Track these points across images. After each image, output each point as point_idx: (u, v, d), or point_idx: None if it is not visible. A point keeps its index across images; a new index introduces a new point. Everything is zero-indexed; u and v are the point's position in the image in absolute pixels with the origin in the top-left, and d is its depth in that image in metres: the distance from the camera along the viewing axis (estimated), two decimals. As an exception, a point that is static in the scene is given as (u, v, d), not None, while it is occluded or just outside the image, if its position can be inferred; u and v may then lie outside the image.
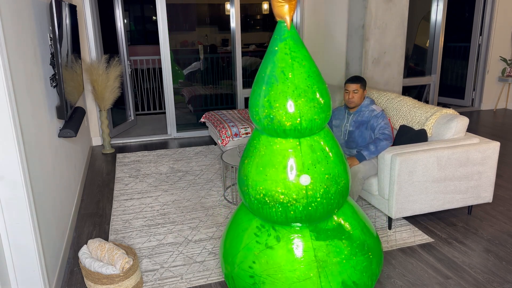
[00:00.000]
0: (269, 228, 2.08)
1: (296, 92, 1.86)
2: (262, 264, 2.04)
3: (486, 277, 2.53)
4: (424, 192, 2.97)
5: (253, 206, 2.06)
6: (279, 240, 2.04)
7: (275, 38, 1.90)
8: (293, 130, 1.90)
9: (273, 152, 1.96)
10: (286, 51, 1.87)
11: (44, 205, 2.43)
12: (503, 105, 7.08)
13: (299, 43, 1.89)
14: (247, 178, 2.04)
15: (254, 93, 1.97)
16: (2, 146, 2.00)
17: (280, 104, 1.87)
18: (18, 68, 2.23)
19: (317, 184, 1.94)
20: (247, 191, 2.05)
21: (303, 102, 1.86)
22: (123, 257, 2.31)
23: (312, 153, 1.94)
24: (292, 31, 1.87)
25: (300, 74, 1.87)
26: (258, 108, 1.94)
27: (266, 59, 1.94)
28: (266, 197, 1.97)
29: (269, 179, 1.95)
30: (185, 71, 6.52)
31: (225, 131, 4.37)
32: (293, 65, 1.86)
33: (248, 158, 2.06)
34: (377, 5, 5.03)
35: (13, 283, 2.16)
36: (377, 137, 3.15)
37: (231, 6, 5.62)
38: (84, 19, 4.93)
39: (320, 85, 1.92)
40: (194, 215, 3.37)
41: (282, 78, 1.87)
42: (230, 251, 2.19)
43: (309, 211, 1.96)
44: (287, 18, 1.84)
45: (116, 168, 4.46)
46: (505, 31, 6.64)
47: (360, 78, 3.22)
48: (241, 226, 2.19)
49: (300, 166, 1.92)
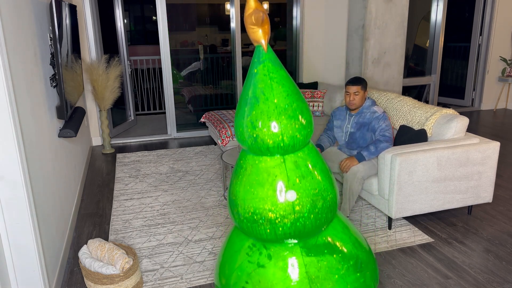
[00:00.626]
0: (260, 246, 2.09)
1: (276, 111, 1.92)
2: (254, 283, 2.04)
3: (486, 277, 2.53)
4: (424, 192, 2.97)
5: (243, 225, 2.07)
6: (270, 258, 2.05)
7: (254, 61, 1.98)
8: (276, 148, 1.95)
9: (259, 170, 2.00)
10: (264, 72, 1.94)
11: (44, 205, 2.43)
12: (503, 105, 7.08)
13: (277, 65, 1.97)
14: (236, 198, 2.07)
15: (238, 114, 2.03)
16: (2, 146, 2.00)
17: (262, 123, 1.93)
18: (18, 68, 2.23)
19: (303, 199, 1.96)
20: (236, 211, 2.08)
21: (283, 120, 1.92)
22: (123, 257, 2.31)
23: (297, 169, 1.99)
24: (270, 53, 1.96)
25: (280, 94, 1.94)
26: (242, 129, 2.00)
27: (247, 81, 2.01)
28: (254, 215, 1.99)
29: (257, 197, 1.98)
30: (185, 71, 6.52)
31: (225, 131, 4.37)
32: (272, 85, 1.94)
33: (236, 178, 2.10)
34: (377, 5, 5.04)
35: (13, 283, 2.16)
36: (377, 138, 3.15)
37: (231, 6, 5.62)
38: (84, 19, 4.93)
39: (300, 103, 1.98)
40: (194, 215, 3.37)
41: (262, 98, 1.93)
42: (225, 271, 2.20)
43: (297, 226, 1.98)
44: (262, 42, 1.93)
45: (116, 168, 4.46)
46: (505, 31, 6.64)
47: (360, 80, 3.21)
48: (234, 247, 2.21)
49: (286, 182, 1.96)
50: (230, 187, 2.15)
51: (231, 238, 2.29)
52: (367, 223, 3.19)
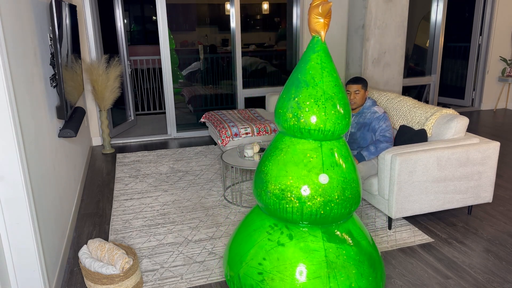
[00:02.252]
0: (282, 226, 2.15)
1: (323, 97, 2.03)
2: (272, 260, 2.08)
3: (486, 277, 2.53)
4: (424, 192, 2.97)
5: (269, 202, 2.13)
6: (291, 238, 2.10)
7: (308, 50, 2.10)
8: (317, 131, 2.05)
9: (295, 151, 2.10)
10: (317, 61, 2.07)
11: (44, 205, 2.43)
12: (503, 105, 7.08)
13: (329, 57, 2.10)
14: (266, 175, 2.15)
15: (283, 96, 2.14)
16: (2, 146, 2.00)
17: (308, 106, 2.03)
18: (18, 68, 2.23)
19: (334, 185, 2.05)
20: (264, 187, 2.14)
21: (328, 106, 2.03)
22: (123, 257, 2.31)
23: (331, 156, 2.09)
24: (325, 45, 2.09)
25: (329, 82, 2.06)
26: (286, 109, 2.10)
27: (298, 68, 2.12)
28: (284, 192, 2.07)
29: (290, 175, 2.07)
30: (185, 71, 6.52)
31: (225, 131, 4.37)
32: (322, 73, 2.06)
33: (270, 157, 2.18)
34: (377, 5, 5.03)
35: (13, 283, 2.16)
36: (377, 139, 3.15)
37: (231, 6, 5.62)
38: (84, 19, 4.93)
39: (344, 96, 2.11)
40: (194, 215, 3.37)
41: (312, 83, 2.05)
42: (239, 250, 2.23)
43: (325, 210, 2.05)
44: (322, 33, 2.04)
45: (116, 168, 4.46)
46: (505, 31, 6.64)
47: (361, 79, 3.22)
48: (253, 226, 2.25)
49: (320, 166, 2.05)
50: (260, 167, 2.22)
51: (249, 217, 2.33)
52: (367, 223, 3.19)
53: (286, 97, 2.11)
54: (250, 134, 4.41)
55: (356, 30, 5.27)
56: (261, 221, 2.23)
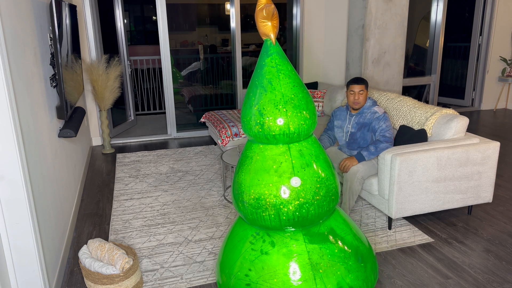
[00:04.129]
0: (263, 234, 2.14)
1: (283, 100, 2.01)
2: (258, 270, 2.07)
3: (486, 277, 2.53)
4: (424, 192, 2.97)
5: (247, 212, 2.11)
6: (273, 245, 2.09)
7: (262, 54, 2.07)
8: (282, 135, 2.03)
9: (265, 158, 2.07)
10: (272, 64, 2.04)
11: (44, 205, 2.43)
12: (503, 105, 7.08)
13: (284, 58, 2.07)
14: (240, 186, 2.12)
15: (245, 104, 2.12)
16: (2, 146, 2.00)
17: (269, 111, 2.01)
18: (18, 68, 2.23)
19: (307, 186, 2.03)
20: (241, 199, 2.12)
21: (289, 108, 2.01)
22: (123, 257, 2.31)
23: (301, 157, 2.07)
24: (277, 47, 2.06)
25: (286, 84, 2.03)
26: (250, 117, 2.07)
27: (255, 73, 2.09)
28: (259, 200, 2.04)
29: (262, 183, 2.04)
30: (185, 71, 6.52)
31: (225, 131, 4.37)
32: (279, 76, 2.03)
33: (242, 167, 2.16)
34: (377, 5, 5.03)
35: (13, 283, 2.16)
36: (377, 139, 3.15)
37: (231, 6, 5.62)
38: (84, 19, 4.93)
39: (305, 95, 2.07)
40: (194, 215, 3.37)
41: (270, 88, 2.03)
42: (227, 263, 2.22)
43: (302, 213, 2.03)
44: (271, 35, 2.03)
45: (116, 168, 4.46)
46: (505, 31, 6.64)
47: (363, 79, 3.24)
48: (237, 237, 2.24)
49: (291, 169, 2.03)
50: (235, 178, 2.19)
51: (233, 229, 2.32)
52: (367, 223, 3.19)
53: (248, 105, 2.08)
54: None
55: (356, 30, 5.27)
56: (244, 231, 2.22)
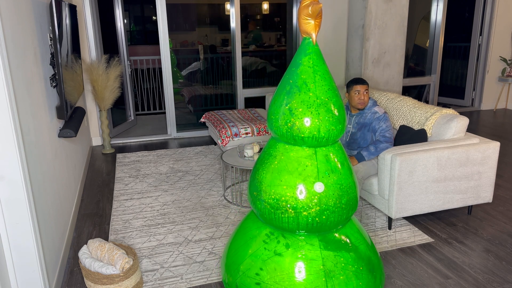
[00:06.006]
0: (278, 235, 2.10)
1: (316, 103, 1.95)
2: (269, 271, 2.04)
3: (486, 277, 2.53)
4: (424, 192, 2.97)
5: (264, 211, 2.07)
6: (288, 247, 2.05)
7: (299, 52, 2.00)
8: (311, 138, 1.97)
9: (289, 159, 2.02)
10: (309, 64, 1.97)
11: (44, 205, 2.43)
12: (503, 105, 7.08)
13: (321, 59, 2.00)
14: (260, 184, 2.08)
15: (275, 102, 2.05)
16: (2, 146, 2.00)
17: (300, 112, 1.95)
18: (18, 68, 2.23)
19: (330, 193, 1.99)
20: (259, 197, 2.08)
21: (322, 112, 1.95)
22: (123, 257, 2.31)
23: (327, 163, 2.02)
24: (316, 47, 1.99)
25: (321, 87, 1.97)
26: (278, 116, 2.02)
27: (289, 71, 2.03)
28: (279, 201, 2.00)
29: (284, 184, 2.00)
30: (185, 71, 6.52)
31: (225, 131, 4.37)
32: (315, 77, 1.97)
33: (263, 164, 2.11)
34: (377, 5, 5.03)
35: (13, 283, 2.16)
36: (377, 139, 3.15)
37: (231, 6, 5.62)
38: (84, 19, 4.93)
39: (338, 99, 2.02)
40: (194, 215, 3.37)
41: (304, 89, 1.96)
42: (235, 258, 2.19)
43: (322, 219, 2.00)
44: (313, 34, 1.95)
45: (116, 168, 4.46)
46: (505, 31, 6.64)
47: (364, 79, 3.27)
48: (249, 233, 2.20)
49: (315, 174, 1.98)
50: (254, 174, 2.14)
51: (245, 224, 2.28)
52: (367, 223, 3.19)
53: (278, 103, 2.02)
54: (250, 134, 4.41)
55: (356, 30, 5.27)
56: (257, 229, 2.18)
